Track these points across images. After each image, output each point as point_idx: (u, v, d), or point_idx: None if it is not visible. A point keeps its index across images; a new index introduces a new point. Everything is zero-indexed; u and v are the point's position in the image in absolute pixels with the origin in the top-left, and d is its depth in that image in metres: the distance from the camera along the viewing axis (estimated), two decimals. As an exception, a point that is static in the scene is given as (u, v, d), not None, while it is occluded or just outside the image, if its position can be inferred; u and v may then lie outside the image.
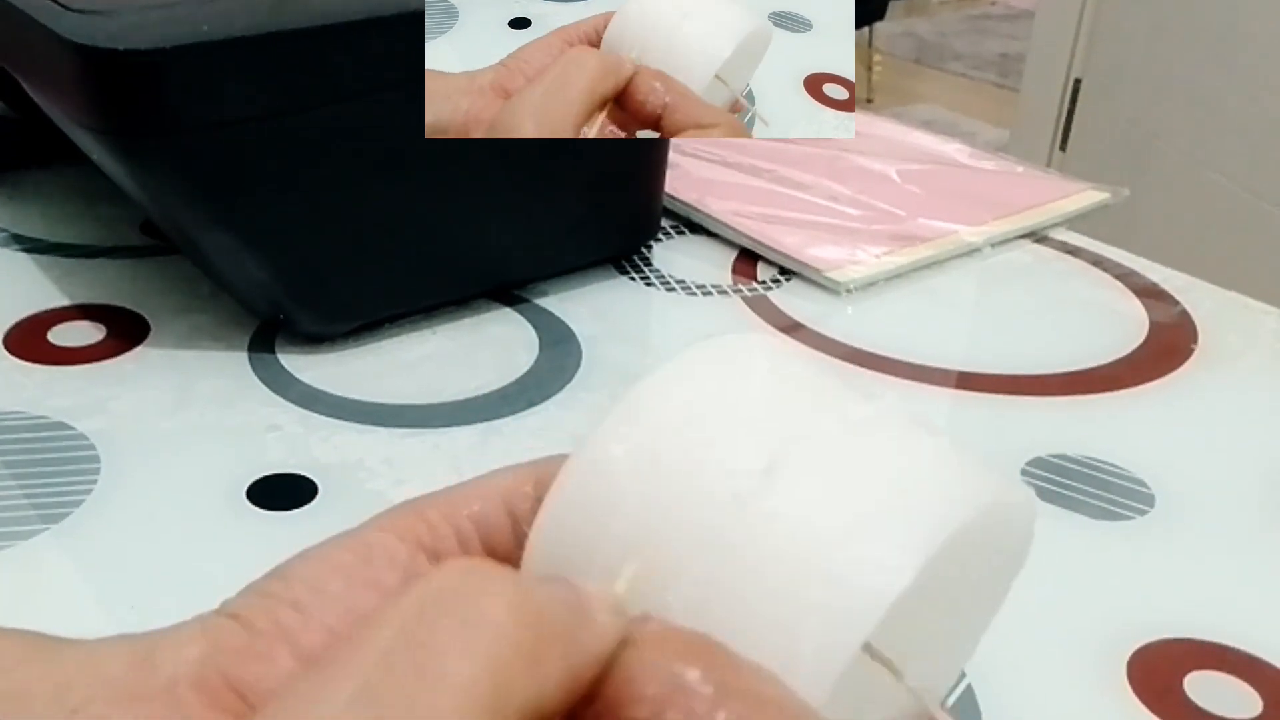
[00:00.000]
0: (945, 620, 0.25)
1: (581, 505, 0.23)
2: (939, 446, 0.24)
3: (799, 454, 0.22)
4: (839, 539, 0.21)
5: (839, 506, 0.22)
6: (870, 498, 0.22)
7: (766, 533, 0.22)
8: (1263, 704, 0.38)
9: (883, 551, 0.21)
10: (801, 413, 0.23)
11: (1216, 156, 1.55)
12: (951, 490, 0.22)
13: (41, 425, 0.49)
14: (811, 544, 0.21)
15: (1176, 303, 0.63)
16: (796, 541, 0.21)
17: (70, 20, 0.47)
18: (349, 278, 0.55)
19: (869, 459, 0.23)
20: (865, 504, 0.22)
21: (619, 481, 0.23)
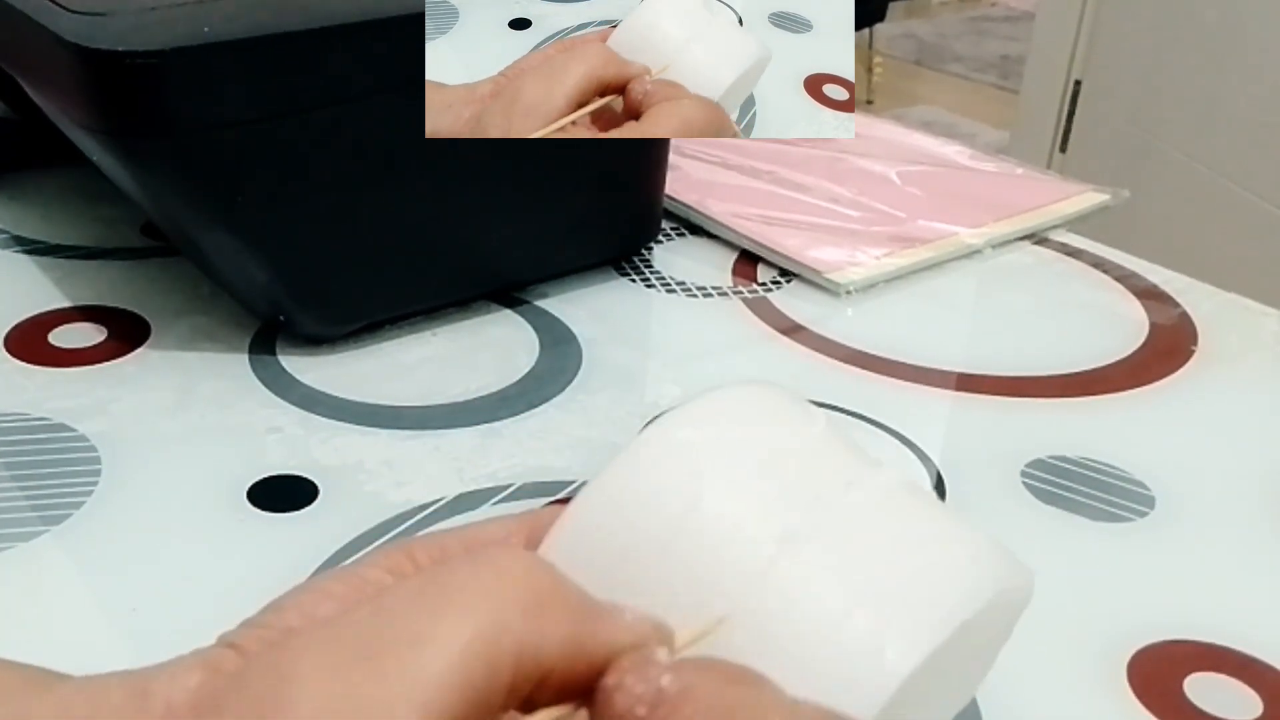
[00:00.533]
0: (941, 687, 0.25)
1: (585, 548, 0.23)
2: (949, 527, 0.24)
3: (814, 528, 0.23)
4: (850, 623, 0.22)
5: (850, 584, 0.22)
6: (880, 579, 0.22)
7: (776, 609, 0.22)
8: (1263, 705, 0.38)
9: (889, 639, 0.21)
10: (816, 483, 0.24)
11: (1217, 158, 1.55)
12: (960, 580, 0.23)
13: (42, 427, 0.49)
14: (822, 627, 0.22)
15: (1177, 304, 0.63)
16: (807, 622, 0.22)
17: (70, 22, 0.47)
18: (349, 279, 0.55)
19: (882, 536, 0.23)
20: (878, 588, 0.22)
21: (623, 531, 0.23)
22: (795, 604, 0.22)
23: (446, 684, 0.18)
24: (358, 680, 0.18)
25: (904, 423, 0.52)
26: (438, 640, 0.19)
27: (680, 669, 0.20)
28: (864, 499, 0.24)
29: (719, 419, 0.25)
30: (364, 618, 0.20)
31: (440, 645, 0.19)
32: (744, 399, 0.25)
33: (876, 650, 0.21)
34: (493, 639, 0.19)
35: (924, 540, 0.23)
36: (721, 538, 0.23)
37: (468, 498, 0.46)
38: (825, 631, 0.22)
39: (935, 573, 0.23)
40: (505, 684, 0.19)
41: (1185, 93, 1.59)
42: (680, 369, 0.56)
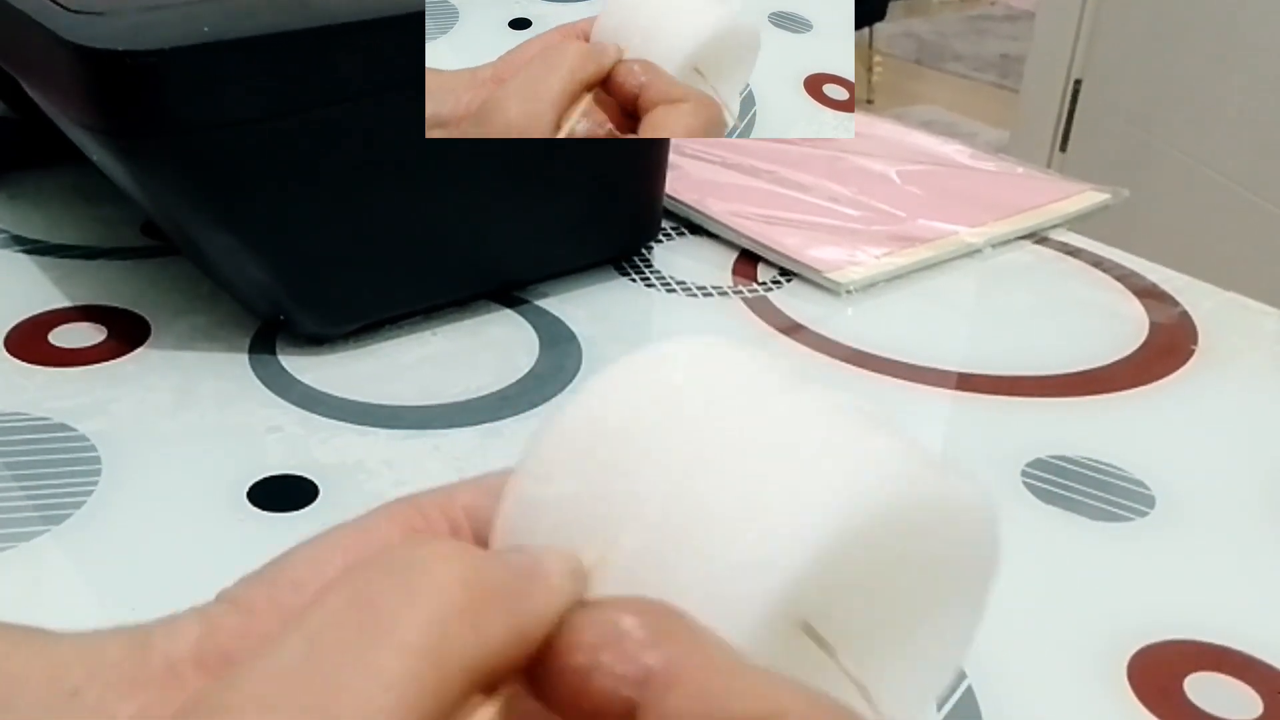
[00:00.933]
0: (896, 620, 0.25)
1: (532, 500, 0.24)
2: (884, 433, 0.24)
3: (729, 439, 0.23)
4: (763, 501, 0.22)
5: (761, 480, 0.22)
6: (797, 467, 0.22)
7: (695, 502, 0.22)
8: (1263, 705, 0.38)
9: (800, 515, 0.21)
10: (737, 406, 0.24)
11: (1217, 157, 1.55)
12: (887, 469, 0.23)
13: (42, 427, 0.49)
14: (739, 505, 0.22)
15: (1177, 303, 0.63)
16: (725, 505, 0.22)
17: (70, 21, 0.47)
18: (349, 279, 0.55)
19: (806, 435, 0.23)
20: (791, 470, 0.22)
21: (564, 478, 0.24)
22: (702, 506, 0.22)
23: (398, 714, 0.18)
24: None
25: (904, 422, 0.52)
26: (386, 675, 0.18)
27: (658, 638, 0.20)
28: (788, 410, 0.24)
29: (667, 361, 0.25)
30: (300, 659, 0.18)
31: (390, 680, 0.18)
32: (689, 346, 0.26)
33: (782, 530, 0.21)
34: (441, 658, 0.19)
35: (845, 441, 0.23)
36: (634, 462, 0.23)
37: (468, 497, 0.46)
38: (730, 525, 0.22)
39: (848, 464, 0.22)
40: (455, 698, 0.19)
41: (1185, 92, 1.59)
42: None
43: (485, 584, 0.20)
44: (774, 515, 0.22)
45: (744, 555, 0.21)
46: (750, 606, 0.21)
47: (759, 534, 0.21)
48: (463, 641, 0.19)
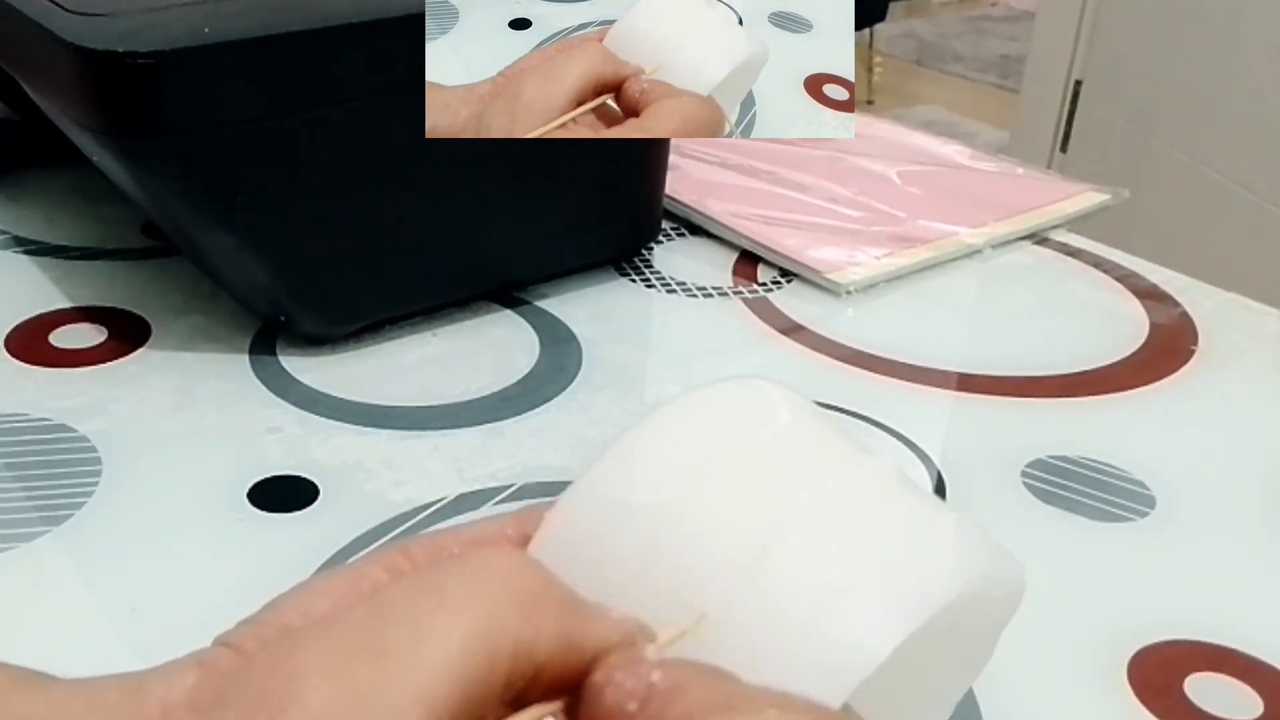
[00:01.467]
0: (928, 678, 0.25)
1: (571, 547, 0.24)
2: (931, 515, 0.24)
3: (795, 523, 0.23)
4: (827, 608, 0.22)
5: (830, 576, 0.22)
6: (860, 569, 0.22)
7: (755, 604, 0.22)
8: (1263, 705, 0.38)
9: (864, 625, 0.22)
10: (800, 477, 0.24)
11: (1217, 157, 1.54)
12: (941, 564, 0.23)
13: (43, 427, 0.49)
14: (802, 609, 0.22)
15: (1177, 304, 0.63)
16: (788, 606, 0.22)
17: (71, 22, 0.47)
18: (349, 279, 0.55)
19: (864, 527, 0.23)
20: (854, 574, 0.22)
21: (612, 531, 0.23)
22: (773, 599, 0.22)
23: (447, 677, 0.19)
24: (361, 675, 0.19)
25: (904, 423, 0.52)
26: (437, 635, 0.19)
27: (669, 665, 0.21)
28: (846, 490, 0.24)
29: (705, 416, 0.25)
30: (364, 615, 0.20)
31: (440, 640, 0.19)
32: (730, 396, 0.25)
33: (852, 637, 0.22)
34: (489, 634, 0.20)
35: (903, 529, 0.23)
36: (702, 537, 0.23)
37: (468, 498, 0.46)
38: (803, 623, 0.22)
39: (912, 561, 0.23)
40: (502, 679, 0.20)
41: (1186, 92, 1.59)
42: (680, 369, 0.56)
43: (542, 587, 0.21)
44: (843, 621, 0.22)
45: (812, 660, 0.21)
46: None
47: (825, 642, 0.21)
48: (513, 625, 0.20)
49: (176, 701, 0.22)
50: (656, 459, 0.24)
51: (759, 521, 0.23)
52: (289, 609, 0.24)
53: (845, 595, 0.22)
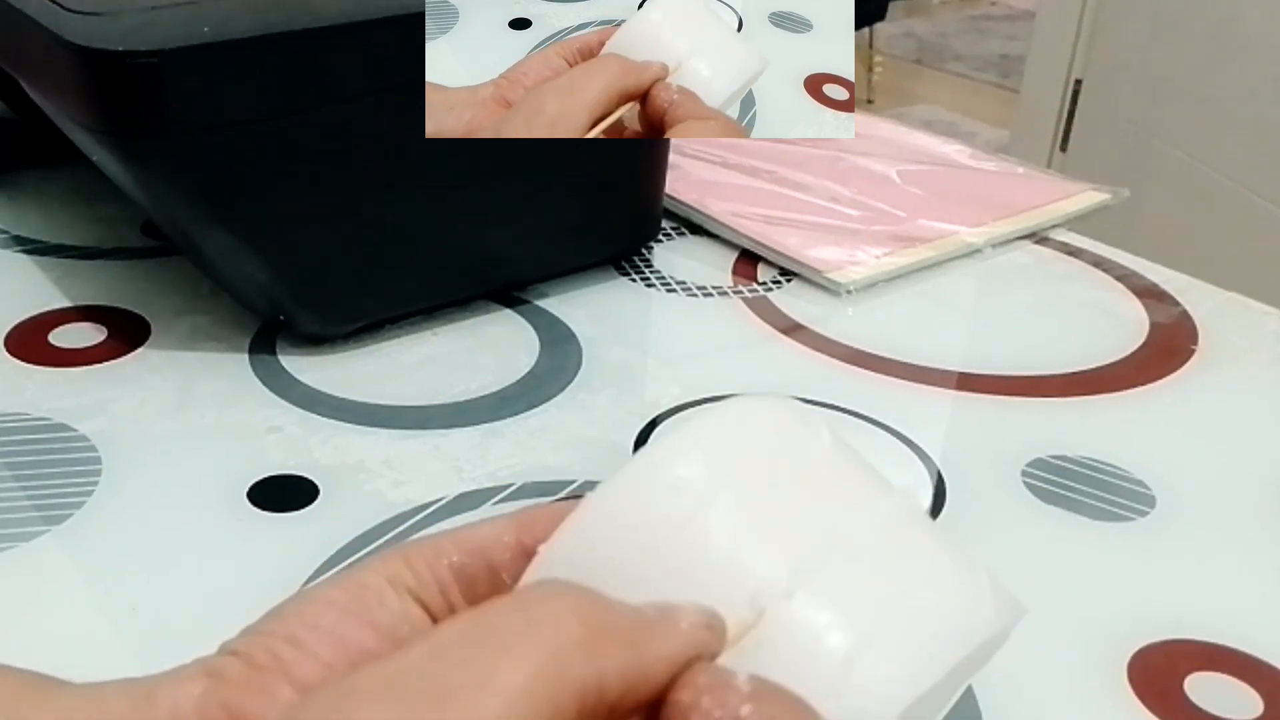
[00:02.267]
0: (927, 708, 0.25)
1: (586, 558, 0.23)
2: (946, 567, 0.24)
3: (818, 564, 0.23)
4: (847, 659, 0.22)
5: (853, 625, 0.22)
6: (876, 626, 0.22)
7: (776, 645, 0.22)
8: (1263, 705, 0.38)
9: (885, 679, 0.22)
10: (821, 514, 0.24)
11: (1217, 157, 1.54)
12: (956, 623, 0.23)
13: (43, 427, 0.49)
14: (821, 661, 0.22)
15: (1177, 303, 0.63)
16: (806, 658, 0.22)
17: (71, 22, 0.47)
18: (349, 279, 0.55)
19: (884, 576, 0.23)
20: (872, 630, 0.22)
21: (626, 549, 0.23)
22: (790, 646, 0.22)
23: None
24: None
25: (904, 422, 0.52)
26: (500, 684, 0.19)
27: (760, 698, 0.20)
28: (871, 529, 0.24)
29: (726, 436, 0.24)
30: (422, 661, 0.20)
31: (503, 689, 0.19)
32: (750, 417, 0.25)
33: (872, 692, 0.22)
34: (554, 679, 0.19)
35: (920, 581, 0.24)
36: (728, 564, 0.23)
37: (468, 497, 0.46)
38: (819, 676, 0.22)
39: (934, 615, 0.23)
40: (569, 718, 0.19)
41: (1186, 92, 1.59)
42: (680, 369, 0.56)
43: (603, 621, 0.21)
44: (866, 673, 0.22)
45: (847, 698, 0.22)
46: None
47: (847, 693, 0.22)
48: (576, 668, 0.20)
49: (185, 710, 0.22)
50: (686, 473, 0.24)
51: (786, 555, 0.23)
52: (294, 618, 0.24)
53: (868, 648, 0.22)
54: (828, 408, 0.52)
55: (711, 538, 0.23)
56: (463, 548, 0.25)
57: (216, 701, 0.22)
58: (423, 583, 0.25)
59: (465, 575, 0.25)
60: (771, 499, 0.24)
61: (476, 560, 0.25)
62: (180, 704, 0.22)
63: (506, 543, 0.26)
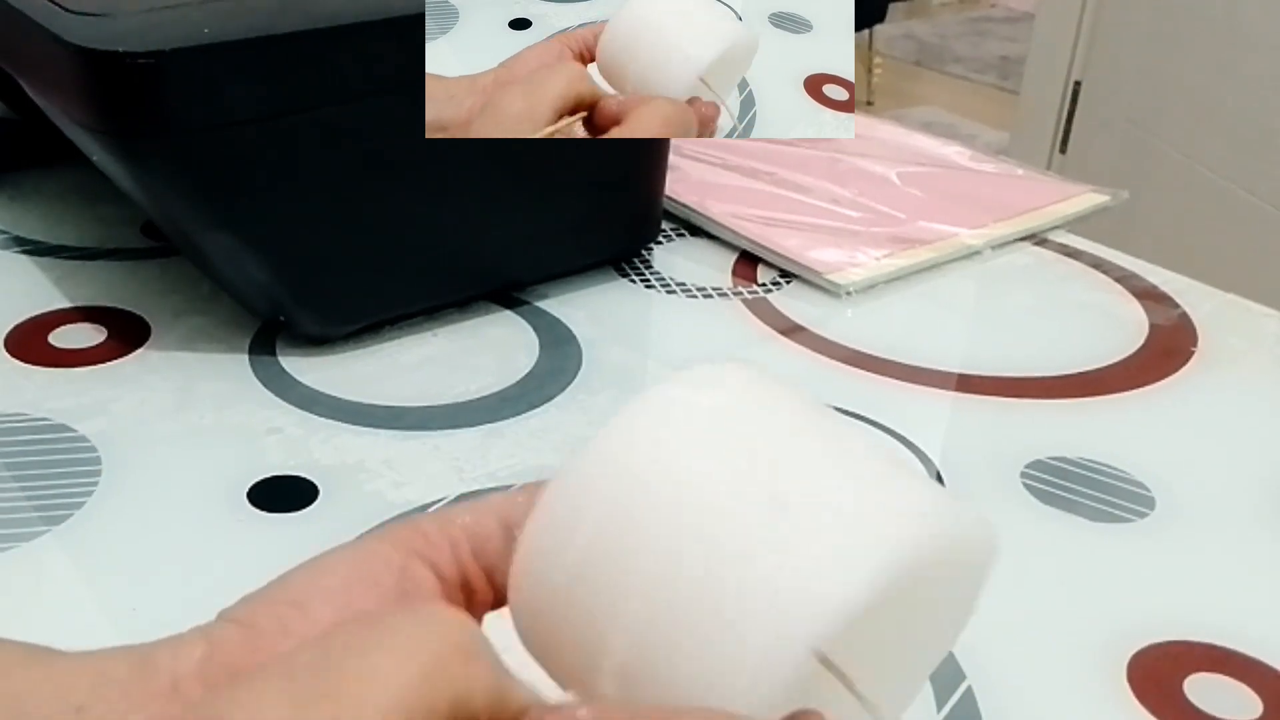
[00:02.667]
0: (903, 639, 0.25)
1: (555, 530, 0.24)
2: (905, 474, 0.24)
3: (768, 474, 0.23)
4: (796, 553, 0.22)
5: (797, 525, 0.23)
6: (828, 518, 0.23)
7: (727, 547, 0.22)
8: (1263, 706, 0.38)
9: (839, 567, 0.22)
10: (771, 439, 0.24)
11: (1216, 159, 1.55)
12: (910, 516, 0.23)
13: (43, 427, 0.49)
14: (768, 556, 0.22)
15: (1176, 305, 0.63)
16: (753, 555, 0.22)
17: (70, 22, 0.47)
18: (349, 280, 0.55)
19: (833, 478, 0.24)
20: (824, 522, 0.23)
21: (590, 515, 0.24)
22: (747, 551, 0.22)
23: (392, 716, 0.19)
24: (314, 714, 0.19)
25: (904, 424, 0.52)
26: (386, 676, 0.20)
27: (595, 705, 0.21)
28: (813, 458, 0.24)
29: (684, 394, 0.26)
30: (320, 651, 0.20)
31: (389, 681, 0.20)
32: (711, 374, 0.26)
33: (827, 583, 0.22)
34: (433, 679, 0.20)
35: (877, 485, 0.24)
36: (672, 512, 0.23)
37: (468, 498, 0.46)
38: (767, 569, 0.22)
39: (886, 511, 0.23)
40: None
41: (1185, 94, 1.59)
42: (680, 368, 0.56)
43: (481, 644, 0.22)
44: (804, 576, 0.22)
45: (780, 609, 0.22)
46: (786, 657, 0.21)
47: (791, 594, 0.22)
48: (455, 673, 0.21)
49: (186, 674, 0.22)
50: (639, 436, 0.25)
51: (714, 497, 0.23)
52: (297, 584, 0.24)
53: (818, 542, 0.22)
54: (827, 409, 0.52)
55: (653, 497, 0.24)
56: (475, 509, 0.26)
57: (217, 663, 0.22)
58: (431, 544, 0.25)
59: (477, 532, 0.26)
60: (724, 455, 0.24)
61: (488, 518, 0.26)
62: (180, 667, 0.22)
63: (519, 500, 0.26)
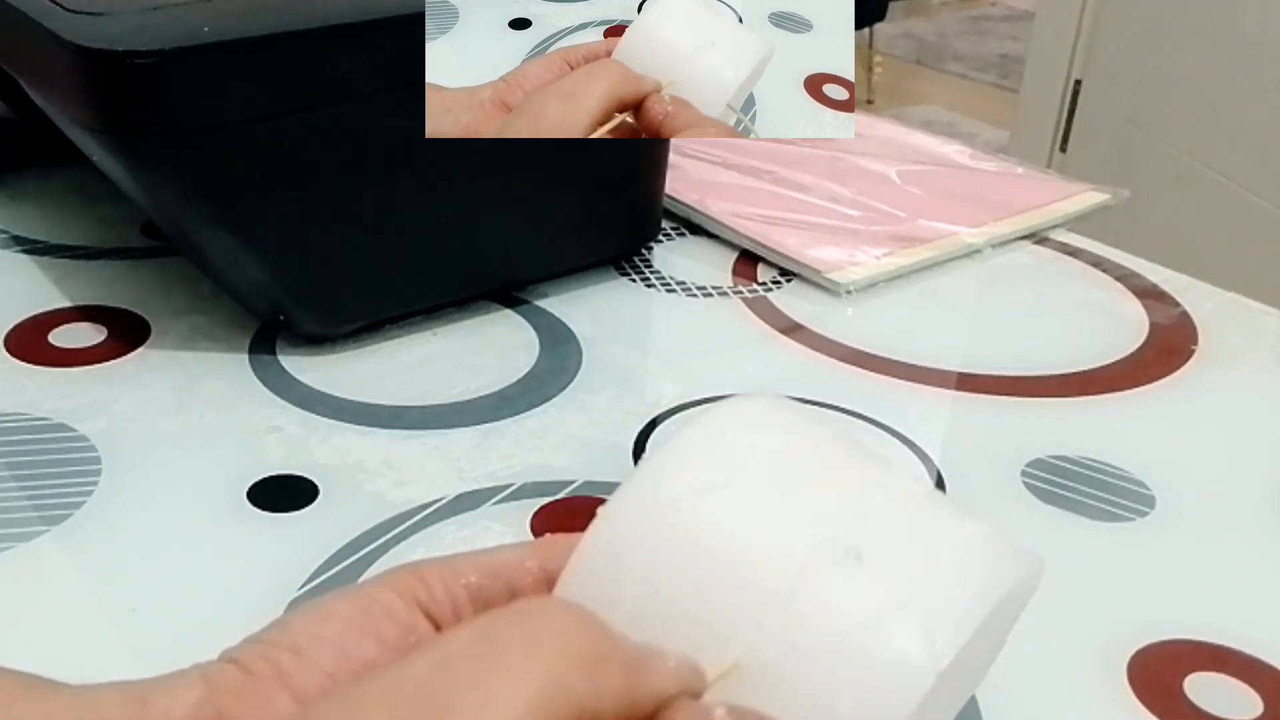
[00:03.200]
0: (959, 680, 0.25)
1: (609, 572, 0.23)
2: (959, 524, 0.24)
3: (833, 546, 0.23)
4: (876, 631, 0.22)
5: (875, 599, 0.22)
6: (902, 591, 0.22)
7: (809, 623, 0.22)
8: (1263, 705, 0.38)
9: (917, 644, 0.22)
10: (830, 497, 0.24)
11: (1217, 157, 1.54)
12: (978, 578, 0.23)
13: (42, 427, 0.49)
14: (851, 633, 0.22)
15: (1176, 304, 0.63)
16: (838, 632, 0.22)
17: (70, 21, 0.47)
18: (349, 279, 0.55)
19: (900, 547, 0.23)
20: (899, 596, 0.22)
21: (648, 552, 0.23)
22: (819, 622, 0.22)
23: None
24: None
25: (904, 422, 0.52)
26: (502, 700, 0.19)
27: (735, 708, 0.21)
28: (877, 506, 0.24)
29: (730, 434, 0.25)
30: (423, 673, 0.20)
31: (504, 705, 0.19)
32: (750, 411, 0.25)
33: (903, 659, 0.22)
34: (553, 698, 0.19)
35: (936, 543, 0.24)
36: (743, 561, 0.23)
37: (468, 497, 0.46)
38: (852, 646, 0.22)
39: (953, 574, 0.23)
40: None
41: (1185, 92, 1.59)
42: (680, 369, 0.56)
43: (603, 645, 0.21)
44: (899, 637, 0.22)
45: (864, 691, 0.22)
46: None
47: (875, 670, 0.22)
48: (577, 689, 0.20)
49: (180, 717, 0.22)
50: (689, 479, 0.24)
51: (795, 543, 0.23)
52: (297, 628, 0.23)
53: (890, 616, 0.22)
54: (827, 408, 0.53)
55: (722, 555, 0.23)
56: (481, 569, 0.25)
57: (212, 709, 0.22)
58: (435, 599, 0.24)
59: (482, 598, 0.25)
60: (775, 500, 0.24)
61: (496, 583, 0.25)
62: (175, 710, 0.22)
63: (529, 567, 0.25)
